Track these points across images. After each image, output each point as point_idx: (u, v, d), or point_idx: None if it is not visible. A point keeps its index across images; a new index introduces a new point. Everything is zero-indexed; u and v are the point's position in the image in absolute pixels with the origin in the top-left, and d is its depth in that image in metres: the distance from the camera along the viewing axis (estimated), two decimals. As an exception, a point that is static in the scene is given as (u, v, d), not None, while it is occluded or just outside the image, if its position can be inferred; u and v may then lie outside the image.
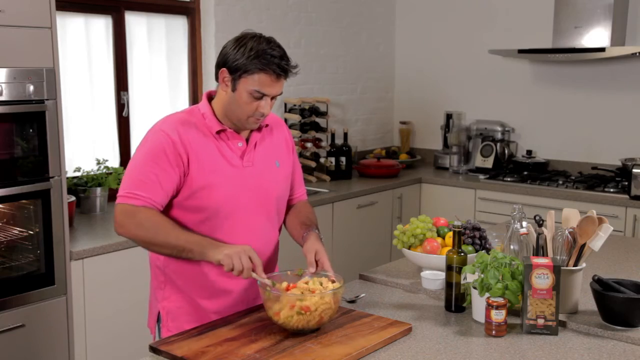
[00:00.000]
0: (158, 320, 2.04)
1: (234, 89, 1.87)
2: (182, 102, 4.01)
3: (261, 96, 1.87)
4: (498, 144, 4.70)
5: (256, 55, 1.82)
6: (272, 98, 1.90)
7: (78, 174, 3.39)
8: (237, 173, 1.94)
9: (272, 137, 2.07)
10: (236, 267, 1.78)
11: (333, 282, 1.87)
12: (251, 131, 2.00)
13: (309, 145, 4.38)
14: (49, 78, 2.64)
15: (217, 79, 1.93)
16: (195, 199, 1.90)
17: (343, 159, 4.50)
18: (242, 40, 1.87)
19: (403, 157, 5.05)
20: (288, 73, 1.88)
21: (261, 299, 2.07)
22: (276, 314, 1.76)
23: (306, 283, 1.86)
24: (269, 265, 2.05)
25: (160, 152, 1.86)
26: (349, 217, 4.10)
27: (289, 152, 2.13)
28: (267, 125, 2.05)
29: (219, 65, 1.90)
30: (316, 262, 1.94)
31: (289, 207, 2.17)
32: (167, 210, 1.93)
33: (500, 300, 1.83)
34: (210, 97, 2.00)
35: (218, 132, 1.93)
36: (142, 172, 1.86)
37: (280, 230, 2.14)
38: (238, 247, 1.81)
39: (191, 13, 4.01)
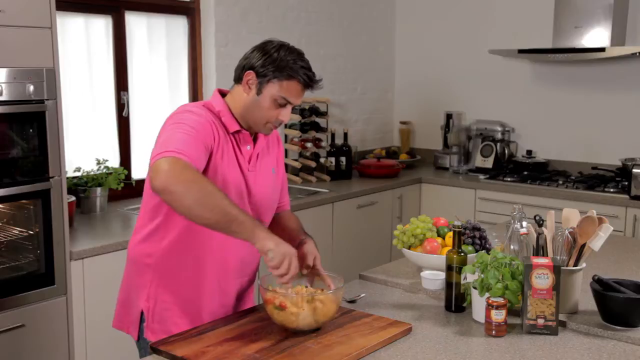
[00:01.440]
0: (141, 320, 1.97)
1: (259, 93, 1.87)
2: (182, 102, 4.01)
3: (285, 104, 1.88)
4: (498, 144, 4.70)
5: (287, 64, 1.85)
6: (293, 107, 1.91)
7: (78, 174, 3.39)
8: (243, 176, 1.93)
9: (269, 143, 2.07)
10: (282, 270, 1.70)
11: (322, 290, 1.88)
12: (257, 135, 1.99)
13: (309, 145, 4.38)
14: (49, 78, 2.63)
15: (237, 80, 1.92)
16: None
17: (343, 159, 4.50)
18: (271, 47, 1.88)
19: (403, 157, 5.06)
20: (314, 85, 1.90)
21: (251, 302, 2.07)
22: (272, 305, 1.76)
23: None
24: (250, 272, 2.04)
25: (199, 126, 1.79)
26: (349, 217, 4.10)
27: (281, 160, 2.14)
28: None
29: (244, 68, 1.89)
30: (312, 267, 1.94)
31: (275, 214, 2.15)
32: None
33: (500, 300, 1.83)
34: (222, 94, 1.98)
35: (234, 133, 1.91)
36: (185, 136, 1.75)
37: None
38: (287, 249, 1.72)
39: (191, 13, 4.01)
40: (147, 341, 1.92)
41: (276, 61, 1.85)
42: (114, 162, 3.67)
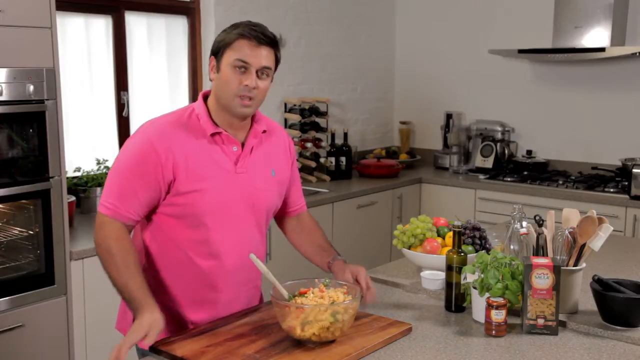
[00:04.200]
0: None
1: (218, 70, 1.86)
2: (182, 102, 4.02)
3: (243, 66, 1.81)
4: (498, 144, 4.70)
5: (231, 32, 1.84)
6: (259, 74, 1.83)
7: (78, 174, 3.39)
8: (229, 179, 1.87)
9: (270, 144, 2.00)
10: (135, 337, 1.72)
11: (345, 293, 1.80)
12: (247, 136, 1.93)
13: (309, 145, 4.38)
14: (49, 78, 2.63)
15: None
16: (182, 205, 1.83)
17: (343, 159, 4.51)
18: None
19: (403, 157, 5.06)
20: (268, 39, 1.84)
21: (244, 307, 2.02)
22: (291, 327, 1.72)
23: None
24: (253, 278, 2.01)
25: (141, 162, 1.80)
26: (349, 217, 4.10)
27: (288, 163, 2.07)
28: (264, 131, 1.97)
29: (209, 59, 1.91)
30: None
31: (291, 219, 2.13)
32: (152, 215, 1.87)
33: (500, 300, 1.83)
34: (206, 97, 1.95)
35: (212, 135, 1.87)
36: (122, 182, 1.82)
37: (266, 241, 2.09)
38: (149, 320, 1.71)
39: (191, 13, 4.01)
40: (138, 348, 1.91)
41: (224, 32, 1.86)
42: (114, 162, 3.67)
